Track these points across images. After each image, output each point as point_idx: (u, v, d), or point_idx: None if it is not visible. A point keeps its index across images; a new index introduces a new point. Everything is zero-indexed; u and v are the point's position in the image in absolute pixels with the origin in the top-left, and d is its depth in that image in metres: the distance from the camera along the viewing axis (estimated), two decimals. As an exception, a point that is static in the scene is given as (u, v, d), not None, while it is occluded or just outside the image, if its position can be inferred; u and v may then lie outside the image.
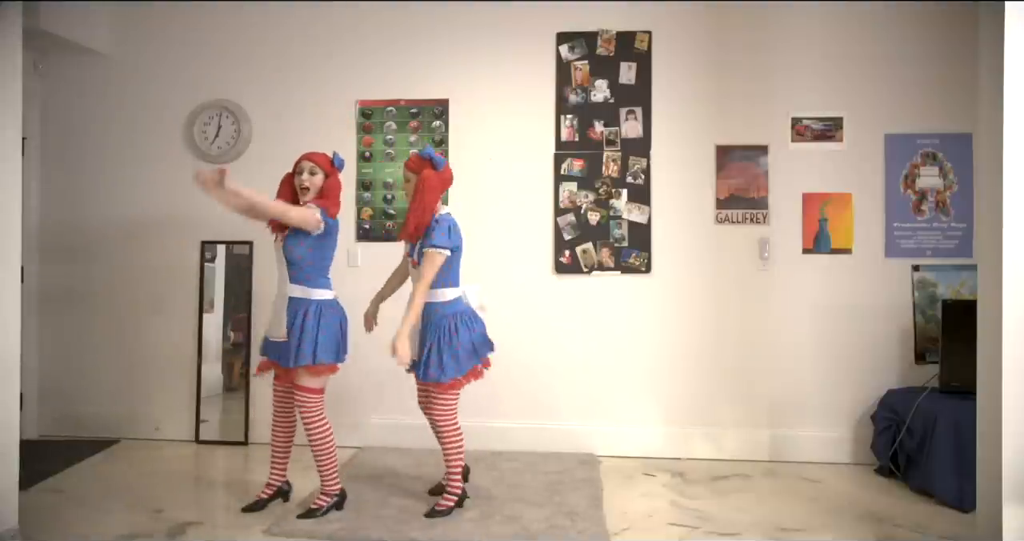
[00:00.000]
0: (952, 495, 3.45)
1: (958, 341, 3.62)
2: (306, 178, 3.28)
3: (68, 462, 4.04)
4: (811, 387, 4.20)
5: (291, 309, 3.23)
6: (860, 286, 4.19)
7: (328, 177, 3.32)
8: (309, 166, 3.29)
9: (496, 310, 3.65)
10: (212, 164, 4.51)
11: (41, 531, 3.10)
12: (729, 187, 4.25)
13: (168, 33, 4.55)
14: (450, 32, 4.39)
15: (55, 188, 4.63)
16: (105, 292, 4.60)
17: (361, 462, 4.07)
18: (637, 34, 4.30)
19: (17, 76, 3.00)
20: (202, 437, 4.47)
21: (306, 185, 3.28)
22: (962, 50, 4.02)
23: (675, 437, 4.26)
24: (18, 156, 3.03)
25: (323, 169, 3.30)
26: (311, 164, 3.29)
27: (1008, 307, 2.70)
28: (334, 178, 3.34)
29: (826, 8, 4.21)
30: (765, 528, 3.23)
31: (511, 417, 4.31)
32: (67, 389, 4.61)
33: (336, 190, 3.35)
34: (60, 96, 4.62)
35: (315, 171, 3.29)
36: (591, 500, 3.52)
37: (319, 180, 3.29)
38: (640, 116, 4.29)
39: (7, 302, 2.98)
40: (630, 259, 4.29)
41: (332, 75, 4.45)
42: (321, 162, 3.30)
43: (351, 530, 3.13)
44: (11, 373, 3.00)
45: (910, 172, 4.19)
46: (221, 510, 3.43)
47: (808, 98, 4.22)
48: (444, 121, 4.40)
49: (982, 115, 2.87)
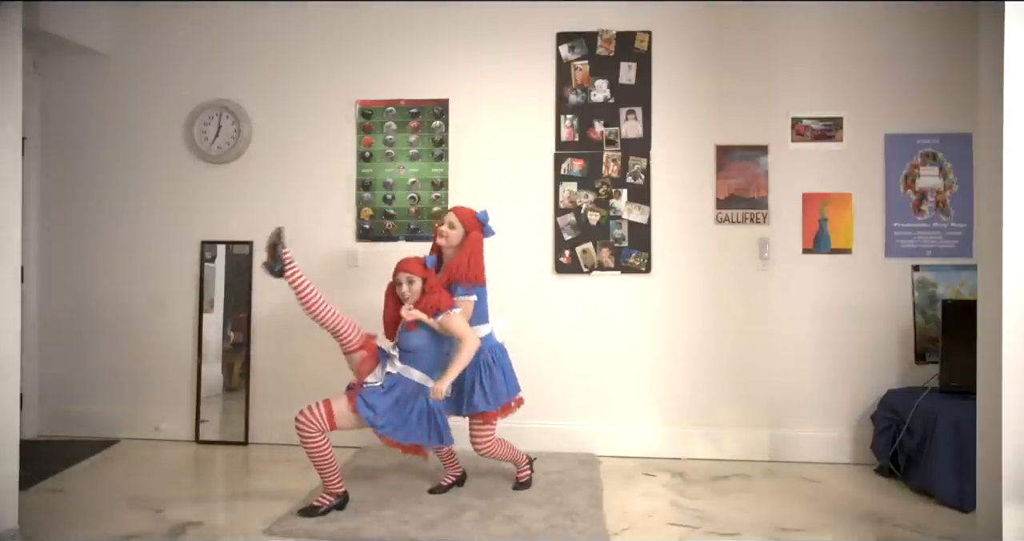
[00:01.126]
0: (952, 495, 3.45)
1: (958, 341, 3.62)
2: (406, 289, 3.42)
3: (68, 462, 4.04)
4: (811, 387, 4.20)
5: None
6: (860, 286, 4.19)
7: (426, 281, 3.42)
8: (406, 277, 3.42)
9: (496, 310, 3.66)
10: (212, 164, 4.52)
11: (41, 531, 3.10)
12: (729, 187, 4.25)
13: (168, 33, 4.55)
14: (450, 32, 4.39)
15: (55, 188, 4.63)
16: (105, 292, 4.60)
17: (361, 462, 4.07)
18: (637, 34, 4.30)
19: (17, 76, 2.99)
20: (202, 437, 4.47)
21: (407, 295, 3.42)
22: (962, 50, 4.03)
23: (675, 437, 4.26)
24: (18, 156, 3.03)
25: (420, 276, 3.41)
26: (407, 274, 3.42)
27: (1008, 307, 2.70)
28: (432, 280, 3.43)
29: (826, 8, 4.21)
30: (765, 528, 3.23)
31: (511, 417, 4.29)
32: (67, 389, 4.60)
33: (439, 286, 3.44)
34: (60, 96, 4.62)
35: (412, 280, 3.41)
36: (591, 500, 3.52)
37: (417, 287, 3.41)
38: (640, 116, 4.29)
39: (7, 302, 2.98)
40: (630, 259, 4.29)
41: (332, 75, 4.45)
42: (416, 270, 3.42)
43: (351, 530, 3.13)
44: (11, 373, 2.99)
45: (910, 172, 4.19)
46: (221, 510, 3.43)
47: (808, 98, 4.22)
48: (444, 121, 4.40)
49: (982, 115, 2.87)
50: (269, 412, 4.42)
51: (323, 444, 3.22)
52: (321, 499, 3.32)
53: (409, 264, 3.43)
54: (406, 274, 3.42)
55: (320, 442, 3.21)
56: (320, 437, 3.21)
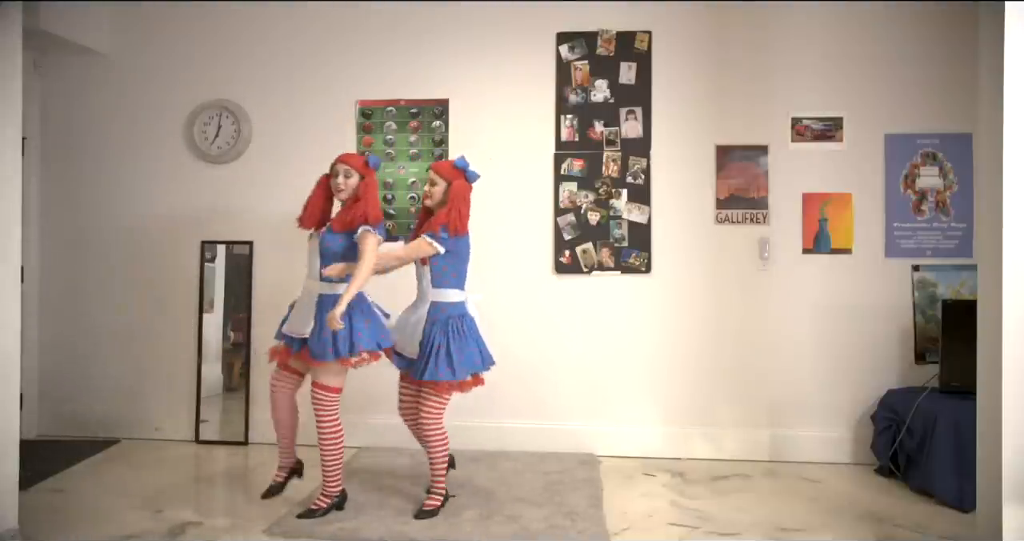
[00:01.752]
0: (952, 495, 3.45)
1: (958, 341, 3.62)
2: (341, 181, 3.32)
3: (68, 462, 4.04)
4: (811, 387, 4.20)
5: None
6: (860, 286, 4.19)
7: (363, 178, 3.34)
8: (344, 169, 3.32)
9: (496, 310, 3.66)
10: (212, 164, 4.52)
11: (41, 531, 3.10)
12: (729, 187, 4.25)
13: (168, 33, 4.55)
14: (450, 32, 4.39)
15: (55, 188, 4.63)
16: (105, 292, 4.60)
17: (361, 462, 4.07)
18: (637, 34, 4.30)
19: (17, 76, 2.99)
20: (202, 437, 4.47)
21: (342, 187, 3.32)
22: (962, 50, 4.02)
23: (675, 437, 4.26)
24: (18, 156, 3.03)
25: (358, 171, 3.33)
26: (346, 166, 3.32)
27: (1008, 307, 2.70)
28: (370, 178, 3.36)
29: (826, 8, 4.21)
30: (765, 528, 3.23)
31: (511, 417, 4.30)
32: (67, 389, 4.60)
33: (373, 190, 3.36)
34: (60, 96, 4.62)
35: (350, 173, 3.32)
36: (591, 500, 3.52)
37: (354, 182, 3.32)
38: (640, 116, 4.29)
39: (7, 302, 2.98)
40: (630, 259, 4.29)
41: (332, 75, 4.45)
42: (356, 164, 3.34)
43: (351, 530, 3.13)
44: (11, 373, 3.00)
45: (910, 172, 4.19)
46: (221, 510, 3.43)
47: (808, 98, 4.22)
48: (444, 121, 4.40)
49: (982, 115, 2.87)
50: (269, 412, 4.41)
51: (340, 430, 3.27)
52: (319, 501, 3.31)
53: (351, 157, 3.34)
54: (344, 166, 3.32)
55: (338, 427, 3.26)
56: (337, 414, 3.26)
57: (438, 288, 3.29)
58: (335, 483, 3.32)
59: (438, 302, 3.29)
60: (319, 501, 3.31)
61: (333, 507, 3.31)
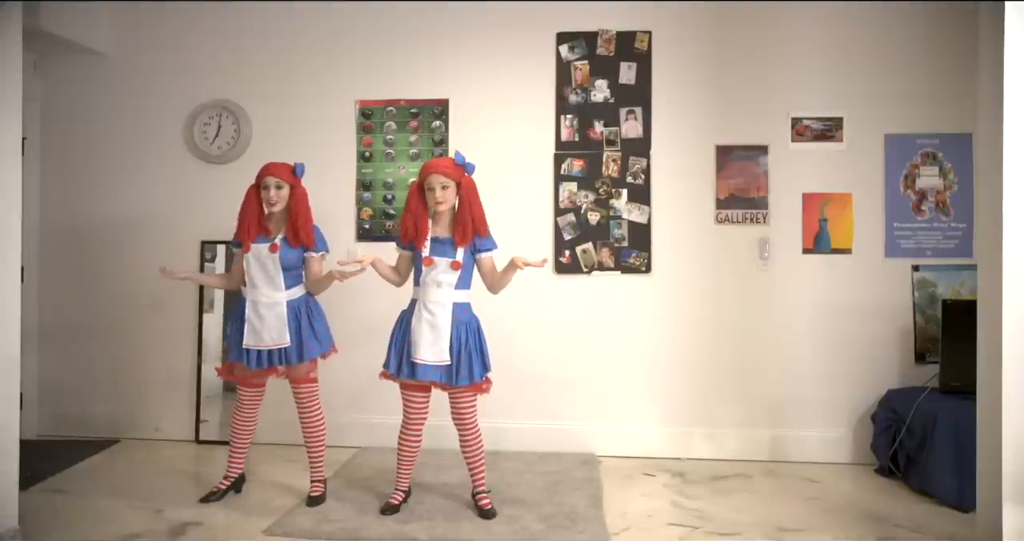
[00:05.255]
0: (952, 495, 3.45)
1: (958, 341, 3.62)
2: (274, 194, 3.32)
3: (68, 462, 4.04)
4: (811, 387, 4.20)
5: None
6: (860, 286, 4.19)
7: (294, 188, 3.36)
8: (275, 181, 3.32)
9: (496, 310, 3.66)
10: (212, 164, 4.52)
11: (41, 531, 3.10)
12: (729, 187, 4.25)
13: (168, 33, 4.55)
14: (450, 32, 4.39)
15: (55, 188, 4.63)
16: (105, 292, 4.60)
17: (361, 462, 4.07)
18: (637, 34, 4.30)
19: (17, 76, 2.99)
20: (202, 437, 4.47)
21: (274, 200, 3.33)
22: (962, 50, 4.02)
23: (675, 437, 4.26)
24: (18, 156, 3.03)
25: (287, 182, 3.34)
26: (276, 179, 3.32)
27: (1008, 307, 2.70)
28: (300, 189, 3.38)
29: (826, 8, 4.21)
30: (765, 528, 3.23)
31: (511, 417, 4.30)
32: (67, 389, 4.61)
33: (305, 201, 3.40)
34: (60, 96, 4.62)
35: (281, 185, 3.34)
36: (591, 500, 3.52)
37: (285, 193, 3.35)
38: (640, 116, 4.29)
39: (7, 302, 2.98)
40: (630, 259, 4.29)
41: (332, 75, 4.45)
42: (284, 175, 3.35)
43: (351, 530, 3.14)
44: (11, 373, 3.00)
45: (910, 172, 4.19)
46: (221, 510, 3.43)
47: (808, 98, 4.22)
48: (444, 121, 4.40)
49: (982, 115, 2.88)
50: (268, 412, 4.41)
51: (323, 416, 3.49)
52: (316, 488, 3.47)
53: (278, 168, 3.34)
54: (275, 179, 3.31)
55: (322, 414, 3.48)
56: (321, 409, 3.50)
57: (460, 289, 3.31)
58: (322, 468, 3.52)
59: (459, 303, 3.31)
60: (316, 488, 3.47)
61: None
